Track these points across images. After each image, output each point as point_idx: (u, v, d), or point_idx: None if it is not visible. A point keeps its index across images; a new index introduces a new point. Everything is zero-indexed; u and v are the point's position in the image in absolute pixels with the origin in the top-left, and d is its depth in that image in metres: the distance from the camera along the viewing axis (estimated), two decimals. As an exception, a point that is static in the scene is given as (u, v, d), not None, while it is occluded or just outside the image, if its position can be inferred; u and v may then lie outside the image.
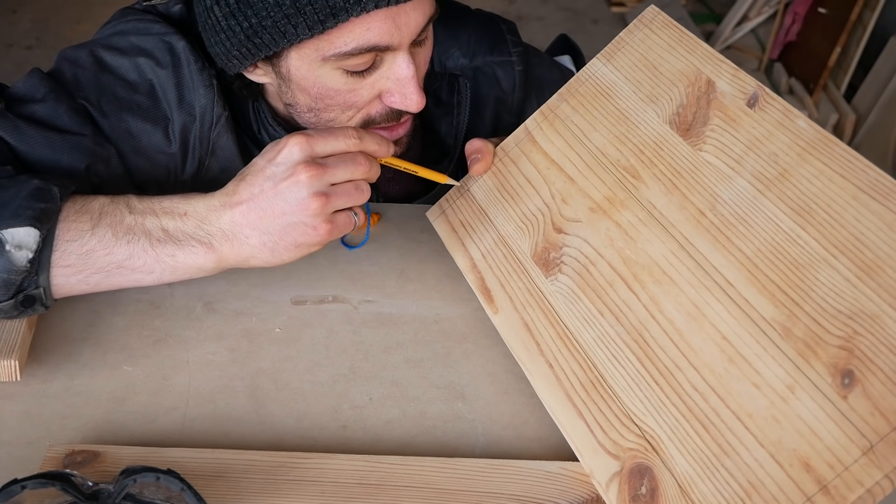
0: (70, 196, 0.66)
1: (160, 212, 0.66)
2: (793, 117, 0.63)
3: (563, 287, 0.70)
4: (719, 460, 0.56)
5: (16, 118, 0.73)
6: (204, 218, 0.66)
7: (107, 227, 0.65)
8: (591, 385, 0.64)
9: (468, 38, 0.96)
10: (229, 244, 0.66)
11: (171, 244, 0.66)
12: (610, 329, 0.65)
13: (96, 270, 0.66)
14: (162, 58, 0.79)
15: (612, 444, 0.61)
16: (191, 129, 0.80)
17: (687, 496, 0.56)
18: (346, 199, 0.67)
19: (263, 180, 0.65)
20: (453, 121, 0.94)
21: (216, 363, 0.70)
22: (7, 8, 2.99)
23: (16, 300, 0.64)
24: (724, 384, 0.58)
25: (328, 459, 0.62)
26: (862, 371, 0.52)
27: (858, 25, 2.64)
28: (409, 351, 0.73)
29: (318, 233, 0.65)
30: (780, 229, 0.60)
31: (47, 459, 0.60)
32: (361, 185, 0.68)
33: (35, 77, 0.78)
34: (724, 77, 0.68)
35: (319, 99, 0.77)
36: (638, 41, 0.76)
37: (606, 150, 0.73)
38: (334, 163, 0.66)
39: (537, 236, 0.74)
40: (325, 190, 0.65)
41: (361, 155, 0.67)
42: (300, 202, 0.64)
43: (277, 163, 0.65)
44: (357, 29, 0.70)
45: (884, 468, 0.49)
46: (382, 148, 0.70)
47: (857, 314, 0.54)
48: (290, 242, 0.66)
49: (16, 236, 0.62)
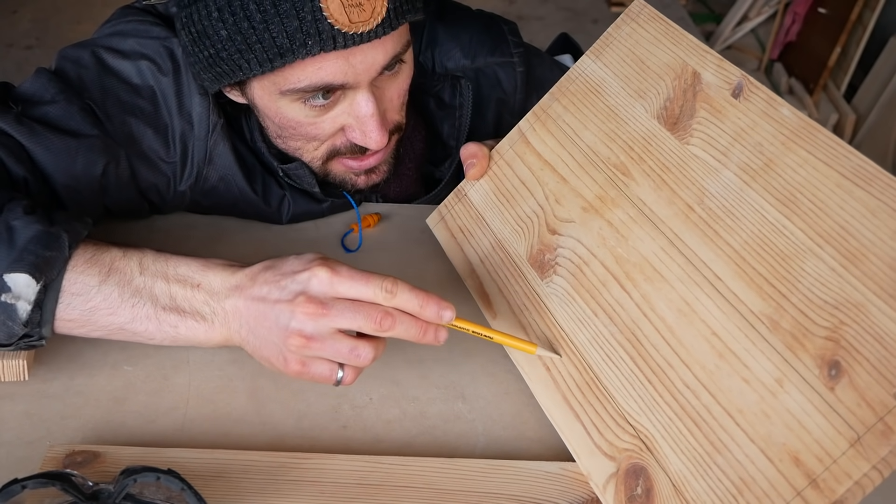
0: (82, 242, 0.64)
1: (172, 278, 0.63)
2: (776, 106, 0.62)
3: (559, 289, 0.70)
4: (711, 458, 0.56)
5: (31, 122, 0.72)
6: (215, 294, 0.63)
7: (114, 286, 0.62)
8: (586, 387, 0.64)
9: (469, 38, 0.97)
10: (227, 327, 0.63)
11: (174, 314, 0.63)
12: (604, 329, 0.65)
13: (98, 328, 0.64)
14: (163, 64, 0.79)
15: (609, 445, 0.61)
16: (189, 137, 0.80)
17: (681, 495, 0.56)
18: (331, 352, 0.60)
19: (273, 287, 0.61)
20: (455, 122, 0.95)
21: (216, 363, 0.71)
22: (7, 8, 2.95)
23: (17, 346, 0.63)
24: (715, 381, 0.58)
25: (328, 459, 0.62)
26: (848, 362, 0.52)
27: (858, 25, 2.64)
28: (409, 351, 0.74)
29: (287, 366, 0.61)
30: (767, 221, 0.59)
31: (47, 459, 0.60)
32: (360, 348, 0.60)
33: (43, 77, 0.77)
34: (709, 68, 0.68)
35: (283, 128, 0.78)
36: (625, 36, 0.75)
37: (597, 148, 0.73)
38: (340, 309, 0.59)
39: (532, 238, 0.74)
40: (311, 333, 0.59)
41: (382, 311, 0.59)
42: (283, 330, 0.59)
43: (295, 279, 0.60)
44: (308, 68, 0.70)
45: (871, 459, 0.49)
46: (426, 311, 0.60)
47: (843, 304, 0.53)
48: (264, 355, 0.62)
49: (17, 284, 0.60)
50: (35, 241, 0.61)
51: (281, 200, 0.87)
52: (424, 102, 0.97)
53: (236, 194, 0.85)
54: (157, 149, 0.80)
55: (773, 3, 3.03)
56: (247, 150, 0.85)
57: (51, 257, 0.61)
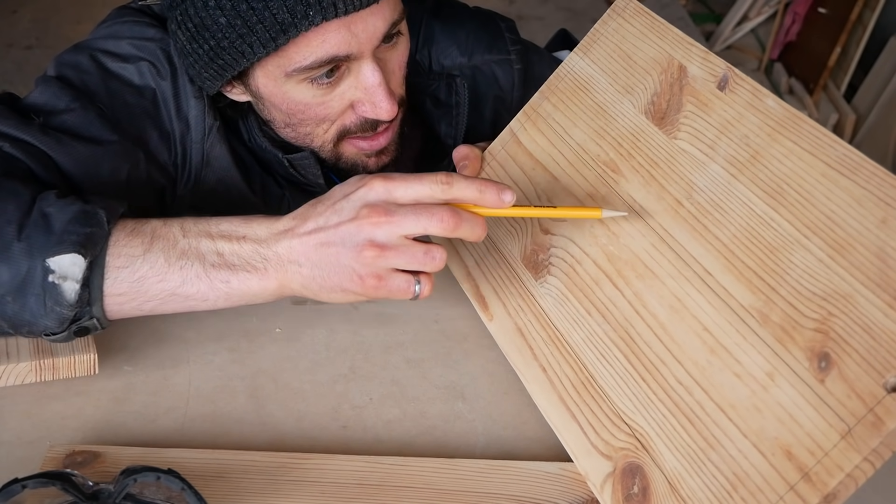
0: (119, 219, 0.63)
1: (216, 235, 0.63)
2: (761, 97, 0.62)
3: (553, 289, 0.70)
4: (706, 454, 0.56)
5: (56, 132, 0.72)
6: (263, 241, 0.62)
7: (159, 252, 0.62)
8: (582, 386, 0.65)
9: (466, 36, 0.97)
10: (283, 271, 0.62)
11: (224, 269, 0.62)
12: (598, 328, 0.65)
13: (149, 298, 0.63)
14: (161, 67, 0.79)
15: (605, 445, 0.61)
16: (186, 140, 0.80)
17: (676, 493, 0.56)
18: (406, 259, 0.60)
19: (331, 213, 0.61)
20: (452, 121, 0.95)
21: (216, 363, 0.71)
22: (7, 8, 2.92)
23: (69, 331, 0.63)
24: (707, 376, 0.58)
25: (328, 460, 0.62)
26: (837, 353, 0.51)
27: (858, 25, 2.63)
28: (409, 351, 0.74)
29: (364, 285, 0.61)
30: (754, 213, 0.59)
31: (48, 460, 0.60)
32: (434, 250, 0.60)
33: (53, 86, 0.76)
34: (694, 61, 0.67)
35: (292, 114, 0.78)
36: (612, 31, 0.75)
37: (587, 146, 0.73)
38: (404, 212, 0.59)
39: (526, 239, 0.74)
40: (383, 241, 0.59)
41: (446, 208, 0.59)
42: (354, 247, 0.59)
43: (350, 199, 0.60)
44: (313, 42, 0.71)
45: (862, 451, 0.49)
46: (486, 195, 0.60)
47: (831, 295, 0.53)
48: (335, 284, 0.62)
49: (61, 265, 0.59)
50: (73, 222, 0.61)
51: (280, 200, 0.87)
52: (421, 102, 0.97)
53: (235, 196, 0.85)
54: (161, 151, 0.80)
55: (773, 3, 3.04)
56: (245, 150, 0.85)
57: (92, 233, 0.61)
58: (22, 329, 0.62)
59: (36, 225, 0.61)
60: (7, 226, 0.61)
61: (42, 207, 0.62)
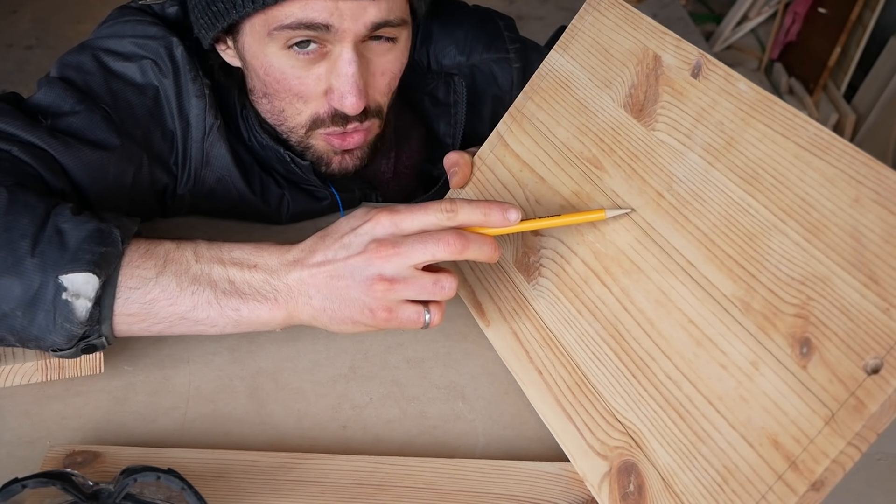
0: (133, 239, 0.64)
1: (228, 262, 0.63)
2: (734, 81, 0.61)
3: (544, 291, 0.70)
4: (696, 448, 0.55)
5: (63, 135, 0.73)
6: (273, 272, 0.63)
7: (171, 276, 0.62)
8: (576, 387, 0.65)
9: (465, 35, 0.97)
10: (294, 302, 0.63)
11: (235, 297, 0.62)
12: (588, 328, 0.65)
13: (159, 321, 0.63)
14: (164, 65, 0.80)
15: (600, 445, 0.61)
16: (187, 139, 0.81)
17: (670, 489, 0.56)
18: (415, 290, 0.60)
19: (338, 248, 0.61)
20: (451, 120, 0.95)
21: (216, 363, 0.71)
22: (7, 8, 2.94)
23: (77, 348, 0.63)
24: (695, 369, 0.57)
25: (328, 460, 0.63)
26: (818, 338, 0.51)
27: (858, 25, 2.62)
28: (409, 351, 0.74)
29: (375, 318, 0.61)
30: (732, 200, 0.58)
31: (48, 460, 0.60)
32: (443, 279, 0.61)
33: (57, 87, 0.76)
34: (668, 50, 0.67)
35: (268, 83, 0.79)
36: (588, 26, 0.75)
37: (570, 144, 0.73)
38: (411, 242, 0.59)
39: (517, 242, 0.74)
40: (393, 275, 0.60)
41: (452, 231, 0.60)
42: (364, 281, 0.60)
43: (358, 233, 0.61)
44: (298, 3, 0.72)
45: (846, 436, 0.48)
46: (491, 217, 0.61)
47: (809, 278, 0.52)
48: (345, 316, 0.62)
49: (74, 283, 0.59)
50: (88, 240, 0.61)
51: (280, 199, 0.88)
52: (419, 101, 0.97)
53: (235, 195, 0.86)
54: (164, 149, 0.81)
55: (773, 3, 3.02)
56: (244, 150, 0.86)
57: (106, 253, 0.61)
58: (29, 344, 0.63)
59: (50, 241, 0.61)
60: (21, 240, 0.61)
61: (57, 223, 0.62)
